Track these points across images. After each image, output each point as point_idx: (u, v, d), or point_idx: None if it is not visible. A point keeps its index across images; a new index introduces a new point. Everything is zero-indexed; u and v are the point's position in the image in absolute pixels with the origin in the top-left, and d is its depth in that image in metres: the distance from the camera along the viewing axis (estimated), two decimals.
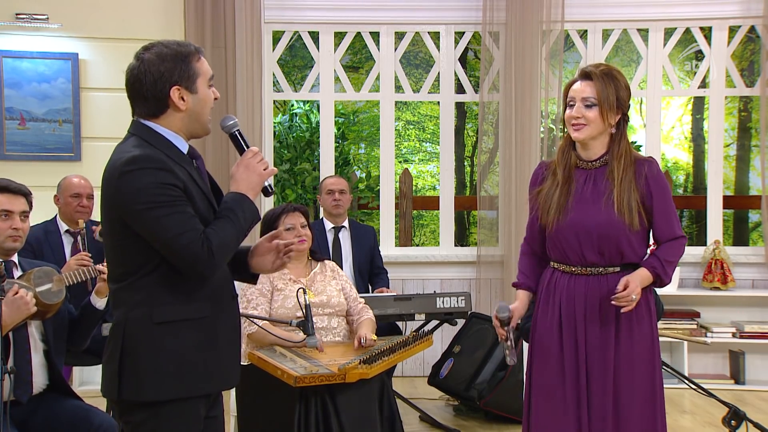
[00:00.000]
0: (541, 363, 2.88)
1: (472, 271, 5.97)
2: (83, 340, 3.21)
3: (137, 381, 2.16)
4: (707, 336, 5.70)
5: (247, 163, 2.27)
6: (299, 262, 3.78)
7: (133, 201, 2.12)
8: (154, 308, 2.17)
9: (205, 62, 2.27)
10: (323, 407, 3.22)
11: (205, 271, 2.16)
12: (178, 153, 2.23)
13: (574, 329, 2.81)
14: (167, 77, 2.18)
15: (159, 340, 2.16)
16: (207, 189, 2.29)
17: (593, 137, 2.81)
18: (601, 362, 2.77)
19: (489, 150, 6.11)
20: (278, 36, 6.10)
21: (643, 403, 2.78)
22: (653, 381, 2.80)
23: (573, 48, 6.19)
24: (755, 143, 9.20)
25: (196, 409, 2.23)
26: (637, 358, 2.77)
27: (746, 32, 6.10)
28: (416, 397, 5.14)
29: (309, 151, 9.32)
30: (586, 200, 2.80)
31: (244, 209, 2.24)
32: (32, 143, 5.55)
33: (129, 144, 2.21)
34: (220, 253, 2.16)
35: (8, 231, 3.04)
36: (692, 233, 9.99)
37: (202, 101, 2.24)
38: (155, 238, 2.13)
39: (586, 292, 2.81)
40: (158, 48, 2.21)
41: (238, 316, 2.40)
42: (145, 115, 2.24)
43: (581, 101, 2.78)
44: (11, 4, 5.54)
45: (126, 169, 2.13)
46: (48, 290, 2.94)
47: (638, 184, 2.78)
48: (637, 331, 2.78)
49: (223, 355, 2.27)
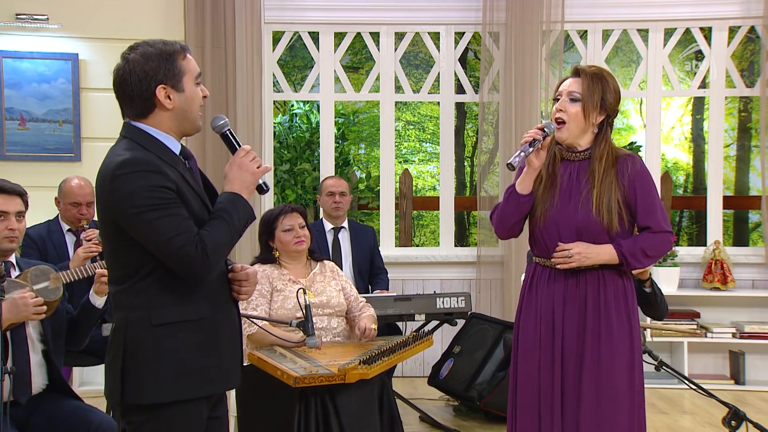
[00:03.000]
0: (523, 360, 2.89)
1: (472, 271, 5.97)
2: (82, 340, 3.21)
3: (139, 384, 2.16)
4: (707, 336, 5.70)
5: (240, 162, 2.27)
6: (299, 262, 3.78)
7: (125, 205, 2.11)
8: (153, 310, 2.17)
9: (192, 60, 2.27)
10: (323, 408, 3.22)
11: (200, 273, 2.16)
12: (170, 153, 2.23)
13: (552, 327, 2.83)
14: (152, 76, 2.18)
15: (158, 343, 2.16)
16: (200, 189, 2.28)
17: (575, 136, 2.82)
18: (577, 361, 2.77)
19: (489, 150, 6.11)
20: (278, 36, 6.10)
21: (622, 400, 2.76)
22: (632, 379, 2.79)
23: (573, 48, 6.19)
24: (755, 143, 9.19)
25: (199, 410, 2.23)
26: (617, 357, 2.76)
27: (746, 32, 6.10)
28: (416, 398, 5.14)
29: (309, 151, 9.32)
30: (568, 197, 2.81)
31: (238, 209, 2.24)
32: (32, 143, 5.55)
33: (120, 147, 2.20)
34: (214, 255, 2.16)
35: (5, 232, 3.04)
36: (692, 233, 10.00)
37: (189, 99, 2.24)
38: (149, 241, 2.13)
39: (565, 289, 2.82)
40: (143, 48, 2.21)
41: (239, 317, 2.39)
42: (133, 116, 2.23)
43: (567, 95, 2.82)
44: (11, 4, 5.54)
45: (117, 173, 2.12)
46: (45, 288, 2.94)
47: (621, 183, 2.77)
48: (617, 330, 2.77)
49: (224, 356, 2.27)
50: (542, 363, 2.81)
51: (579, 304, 2.80)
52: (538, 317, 2.85)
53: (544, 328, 2.83)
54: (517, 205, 2.85)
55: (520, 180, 2.85)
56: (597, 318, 2.77)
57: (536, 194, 2.85)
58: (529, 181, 2.84)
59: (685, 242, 9.71)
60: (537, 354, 2.83)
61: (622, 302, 2.80)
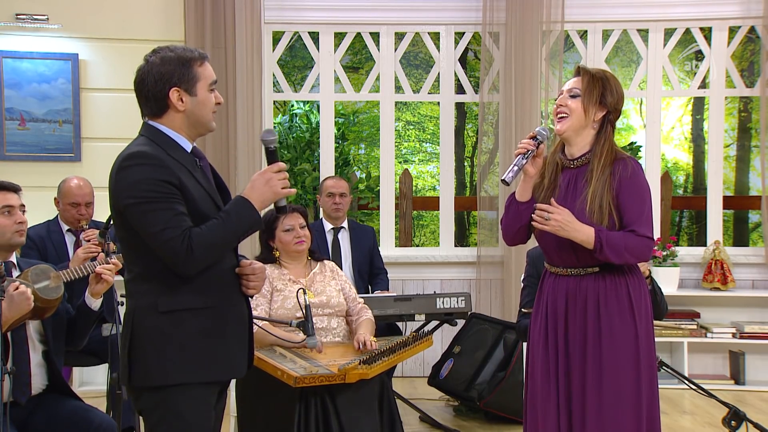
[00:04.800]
0: (533, 363, 2.90)
1: (472, 271, 5.97)
2: (80, 340, 3.21)
3: (144, 367, 2.27)
4: (707, 336, 5.70)
5: (269, 176, 2.35)
6: (298, 262, 3.78)
7: (126, 195, 2.24)
8: (160, 297, 2.28)
9: (209, 68, 2.40)
10: (323, 408, 3.22)
11: (182, 268, 2.24)
12: (182, 151, 2.35)
13: (557, 330, 2.83)
14: (167, 79, 2.32)
15: (164, 329, 2.27)
16: (210, 188, 2.39)
17: (575, 130, 2.82)
18: (581, 363, 2.76)
19: (489, 150, 6.11)
20: (278, 36, 6.10)
21: (626, 403, 2.74)
22: (638, 382, 2.75)
23: (573, 48, 6.19)
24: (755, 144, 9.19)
25: (206, 395, 2.32)
26: (620, 359, 2.74)
27: (746, 33, 6.10)
28: (416, 398, 5.14)
29: (309, 151, 9.32)
30: (566, 203, 2.80)
31: (242, 214, 2.31)
32: (32, 144, 5.55)
33: (135, 142, 2.35)
34: (201, 252, 2.23)
35: (14, 226, 3.07)
36: (692, 233, 10.00)
37: (200, 104, 2.36)
38: (141, 231, 2.25)
39: (566, 293, 2.82)
40: (164, 52, 2.35)
41: (248, 310, 2.46)
42: (150, 115, 2.37)
43: (567, 92, 2.84)
44: (11, 4, 5.54)
45: (124, 165, 2.27)
46: (46, 287, 2.95)
47: (612, 184, 2.77)
48: (618, 331, 2.75)
49: (231, 345, 2.36)
50: (550, 369, 2.81)
51: (581, 308, 2.79)
52: (545, 323, 2.86)
53: (551, 332, 2.84)
54: (518, 213, 2.87)
55: (519, 189, 2.88)
56: (597, 320, 2.77)
57: (537, 202, 2.86)
58: (528, 189, 2.85)
59: (685, 242, 9.71)
60: (546, 359, 2.83)
61: (626, 304, 2.78)
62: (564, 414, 2.78)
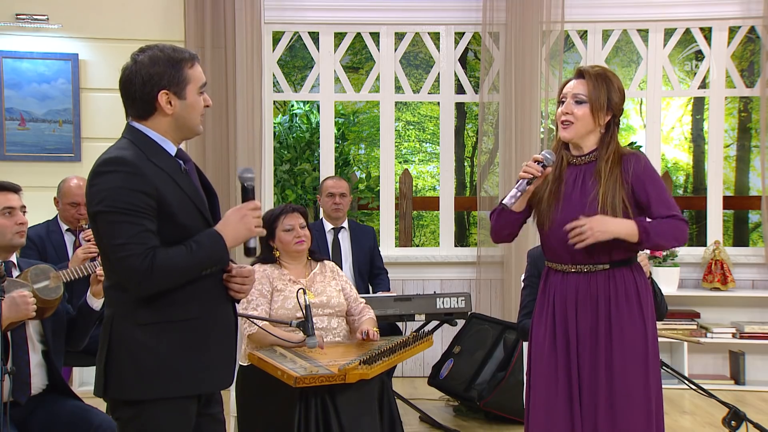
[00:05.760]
0: (537, 363, 2.88)
1: (472, 271, 5.97)
2: (81, 340, 3.21)
3: (120, 380, 2.19)
4: (707, 336, 5.70)
5: (244, 213, 2.27)
6: (299, 262, 3.78)
7: (97, 201, 2.15)
8: (139, 309, 2.17)
9: (199, 69, 2.29)
10: (323, 408, 3.22)
11: (136, 286, 2.14)
12: (166, 156, 2.24)
13: (566, 328, 2.81)
14: (156, 81, 2.21)
15: (142, 341, 2.17)
16: (196, 194, 2.28)
17: (581, 136, 2.82)
18: (592, 361, 2.76)
19: (489, 150, 6.11)
20: (278, 36, 6.10)
21: (636, 402, 2.74)
22: (647, 380, 2.76)
23: (573, 48, 6.19)
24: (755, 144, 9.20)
25: (184, 408, 2.23)
26: (629, 357, 2.74)
27: (746, 33, 6.10)
28: (416, 398, 5.14)
29: (309, 151, 9.33)
30: (575, 200, 2.80)
31: (212, 249, 2.21)
32: (32, 144, 5.55)
33: (116, 145, 2.25)
34: (160, 275, 2.12)
35: (15, 227, 3.06)
36: (692, 234, 9.99)
37: (189, 107, 2.26)
38: (105, 240, 2.15)
39: (577, 290, 2.81)
40: (153, 51, 2.24)
41: (234, 318, 2.37)
42: (135, 117, 2.27)
43: (572, 97, 2.81)
44: (11, 5, 5.54)
45: (99, 170, 2.18)
46: (46, 287, 2.95)
47: (625, 180, 2.77)
48: (628, 330, 2.76)
49: (213, 357, 2.26)
50: (559, 367, 2.80)
51: (591, 305, 2.78)
52: (553, 321, 2.84)
53: (560, 332, 2.82)
54: (509, 221, 2.89)
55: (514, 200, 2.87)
56: (608, 318, 2.76)
57: (542, 199, 2.85)
58: (524, 202, 2.85)
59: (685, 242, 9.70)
60: (554, 357, 2.81)
61: (635, 301, 2.78)
62: (576, 412, 2.77)
